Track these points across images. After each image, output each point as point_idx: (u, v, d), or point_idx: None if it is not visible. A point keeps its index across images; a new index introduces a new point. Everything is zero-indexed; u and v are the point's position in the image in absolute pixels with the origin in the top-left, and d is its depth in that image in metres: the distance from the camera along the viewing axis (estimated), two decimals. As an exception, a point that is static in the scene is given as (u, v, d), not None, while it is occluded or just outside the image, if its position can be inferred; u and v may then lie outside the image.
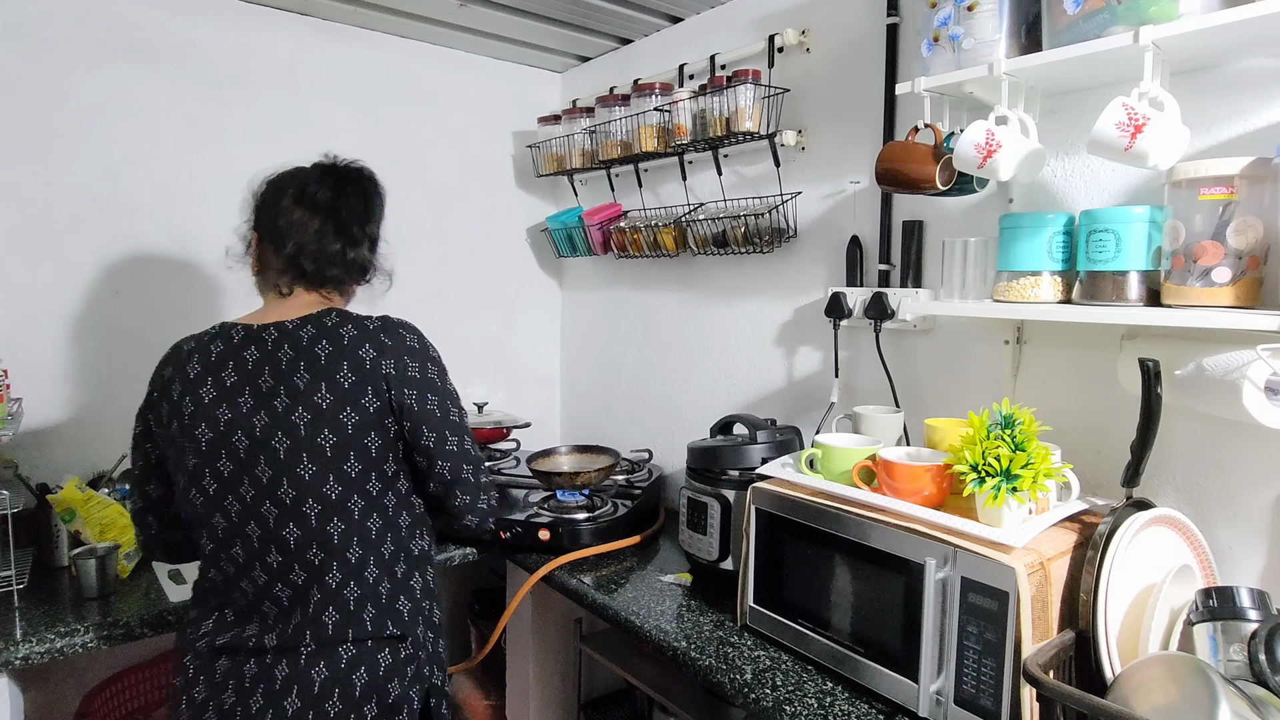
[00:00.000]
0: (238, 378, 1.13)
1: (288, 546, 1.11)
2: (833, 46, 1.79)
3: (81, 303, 1.88)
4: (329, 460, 1.11)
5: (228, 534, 1.13)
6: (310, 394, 1.11)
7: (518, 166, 2.58)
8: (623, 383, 2.48)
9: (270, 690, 1.09)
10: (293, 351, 1.13)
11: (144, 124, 1.93)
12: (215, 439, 1.11)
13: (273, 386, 1.11)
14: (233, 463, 1.11)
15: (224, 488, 1.12)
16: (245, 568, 1.13)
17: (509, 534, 1.82)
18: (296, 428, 1.10)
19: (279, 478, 1.10)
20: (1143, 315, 1.14)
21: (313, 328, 1.15)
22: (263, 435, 1.10)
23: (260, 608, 1.14)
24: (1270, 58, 1.16)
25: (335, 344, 1.13)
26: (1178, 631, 1.08)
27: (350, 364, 1.12)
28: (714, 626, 1.47)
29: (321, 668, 1.11)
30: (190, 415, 1.12)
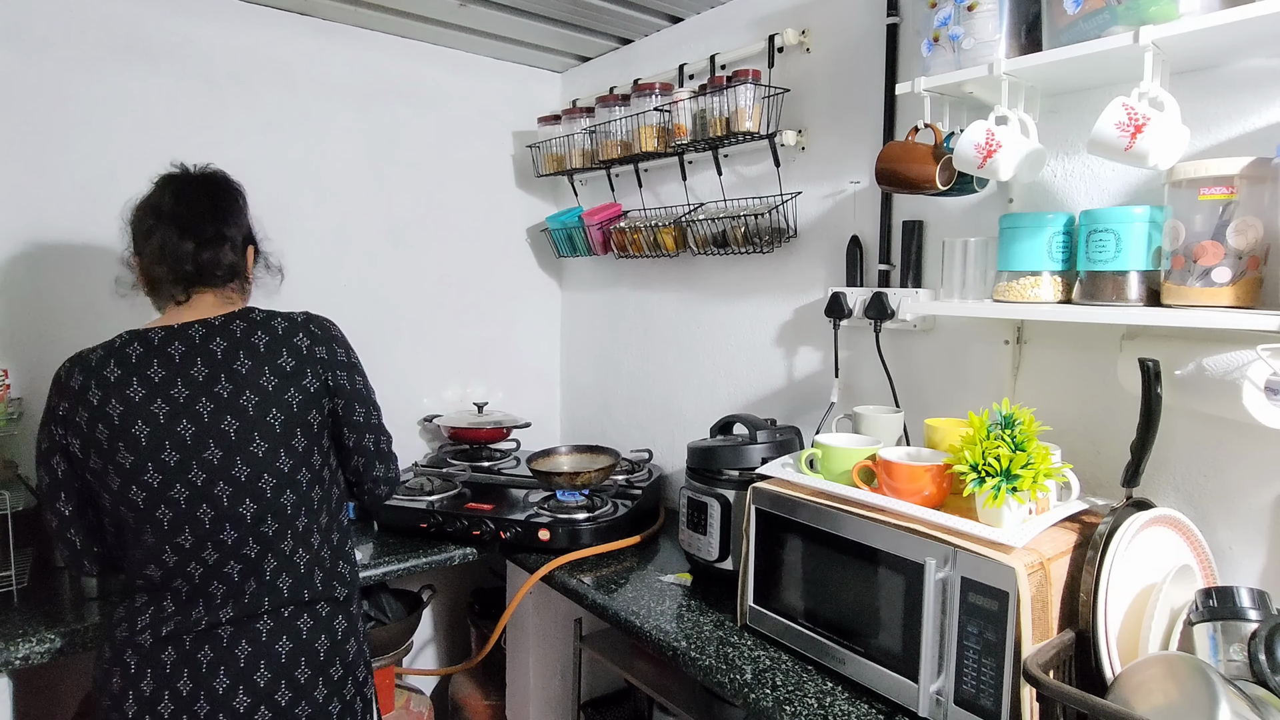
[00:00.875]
0: (166, 373, 1.19)
1: (243, 521, 1.19)
2: (833, 46, 1.79)
3: (81, 303, 1.88)
4: (279, 437, 1.21)
5: (174, 523, 1.17)
6: (254, 378, 1.21)
7: (518, 166, 2.58)
8: (623, 383, 2.48)
9: (235, 669, 1.16)
10: (226, 343, 1.22)
11: (143, 124, 1.93)
12: (155, 432, 1.16)
13: (210, 375, 1.19)
14: (179, 451, 1.17)
15: (170, 477, 1.16)
16: (192, 552, 1.18)
17: (509, 534, 1.83)
18: (244, 409, 1.19)
19: (231, 458, 1.18)
20: (1143, 315, 1.14)
21: (242, 322, 1.24)
22: (210, 420, 1.18)
23: (207, 589, 1.18)
24: (1270, 58, 1.16)
25: (271, 334, 1.24)
26: (1178, 631, 1.08)
27: (289, 350, 1.24)
28: (714, 626, 1.47)
29: (285, 640, 1.19)
30: (121, 416, 1.17)
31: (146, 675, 1.15)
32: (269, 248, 1.42)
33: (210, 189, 1.31)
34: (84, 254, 1.88)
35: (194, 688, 1.15)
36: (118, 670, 1.16)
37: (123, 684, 1.15)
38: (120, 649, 1.17)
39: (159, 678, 1.15)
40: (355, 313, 2.20)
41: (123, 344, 1.21)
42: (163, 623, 1.17)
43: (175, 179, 1.30)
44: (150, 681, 1.15)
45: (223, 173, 1.35)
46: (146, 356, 1.20)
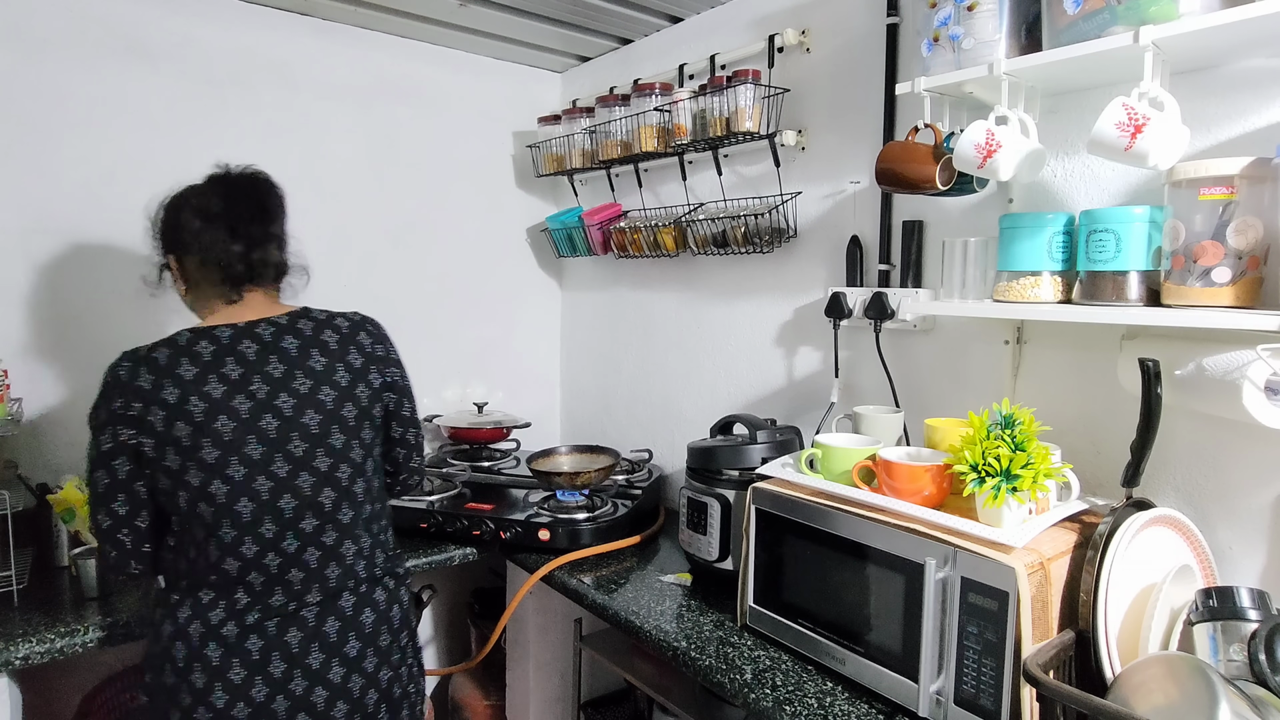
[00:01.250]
0: (242, 370, 1.22)
1: (323, 509, 1.25)
2: (833, 46, 1.79)
3: (81, 303, 1.88)
4: (351, 429, 1.28)
5: (255, 514, 1.20)
6: (329, 374, 1.27)
7: (518, 166, 2.58)
8: (623, 383, 2.48)
9: (326, 644, 1.23)
10: (298, 340, 1.27)
11: (143, 124, 1.93)
12: (239, 426, 1.19)
13: (286, 371, 1.24)
14: (264, 444, 1.20)
15: (254, 470, 1.20)
16: (273, 542, 1.21)
17: (509, 534, 1.83)
18: (323, 403, 1.25)
19: (313, 449, 1.24)
20: (1143, 315, 1.14)
21: (308, 321, 1.30)
22: (293, 414, 1.23)
23: (284, 577, 1.22)
24: (1270, 58, 1.16)
25: (338, 332, 1.31)
26: (1178, 631, 1.08)
27: (356, 348, 1.31)
28: (714, 626, 1.47)
29: (368, 612, 1.28)
30: (204, 412, 1.18)
31: (233, 665, 1.18)
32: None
33: (258, 190, 1.33)
34: (84, 254, 1.88)
35: (287, 668, 1.20)
36: (198, 665, 1.17)
37: (208, 678, 1.17)
38: (200, 645, 1.18)
39: (248, 665, 1.18)
40: (355, 313, 2.20)
41: (189, 342, 1.22)
42: (243, 613, 1.20)
43: (224, 180, 1.31)
44: (239, 670, 1.18)
45: (266, 173, 1.36)
46: (220, 354, 1.22)
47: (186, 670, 1.17)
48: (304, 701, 1.20)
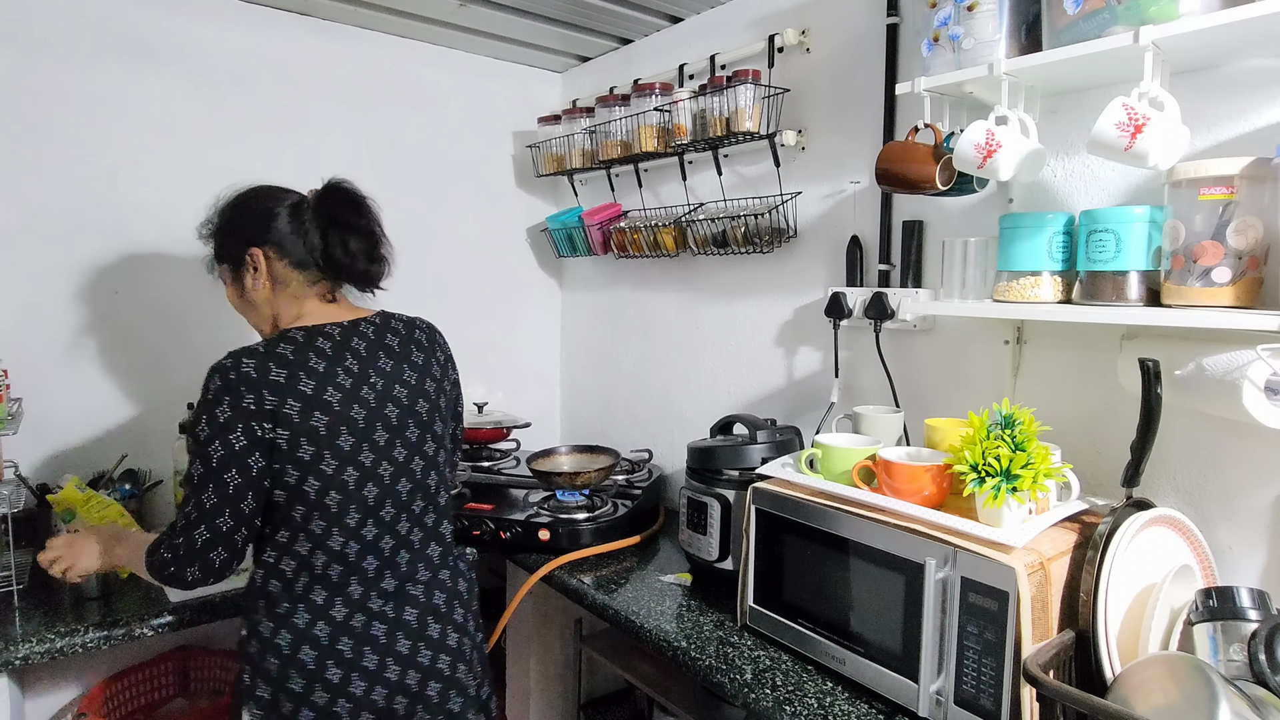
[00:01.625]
0: (359, 364, 1.29)
1: (428, 492, 1.36)
2: (833, 46, 1.79)
3: (81, 303, 1.88)
4: (443, 419, 1.41)
5: (378, 499, 1.27)
6: (427, 368, 1.39)
7: (518, 166, 2.58)
8: (623, 383, 2.48)
9: (438, 613, 1.33)
10: (397, 338, 1.37)
11: (144, 124, 1.93)
12: (369, 415, 1.27)
13: (395, 367, 1.33)
14: (387, 431, 1.29)
15: (379, 455, 1.27)
16: (390, 525, 1.29)
17: (509, 534, 1.83)
18: (428, 393, 1.37)
19: (424, 435, 1.35)
20: (1143, 315, 1.14)
21: (398, 322, 1.41)
22: (408, 403, 1.33)
23: (394, 560, 1.30)
24: (1270, 58, 1.16)
25: (425, 332, 1.44)
26: (1178, 631, 1.08)
27: (439, 347, 1.45)
28: (714, 626, 1.47)
29: (460, 581, 1.41)
30: (340, 402, 1.24)
31: (365, 653, 1.23)
32: None
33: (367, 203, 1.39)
34: (84, 254, 1.88)
35: (412, 643, 1.28)
36: (331, 661, 1.22)
37: (344, 671, 1.22)
38: (331, 642, 1.22)
39: (378, 649, 1.24)
40: (355, 313, 2.20)
41: (308, 337, 1.27)
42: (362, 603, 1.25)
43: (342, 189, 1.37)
44: (372, 656, 1.24)
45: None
46: (339, 348, 1.28)
47: (319, 670, 1.21)
48: (432, 670, 1.29)
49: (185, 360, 2.01)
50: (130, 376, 1.95)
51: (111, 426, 1.92)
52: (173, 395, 1.98)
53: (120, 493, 1.78)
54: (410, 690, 1.26)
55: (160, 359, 1.99)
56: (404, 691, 1.26)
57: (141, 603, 1.54)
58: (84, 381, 1.89)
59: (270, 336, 1.27)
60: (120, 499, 1.73)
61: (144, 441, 1.96)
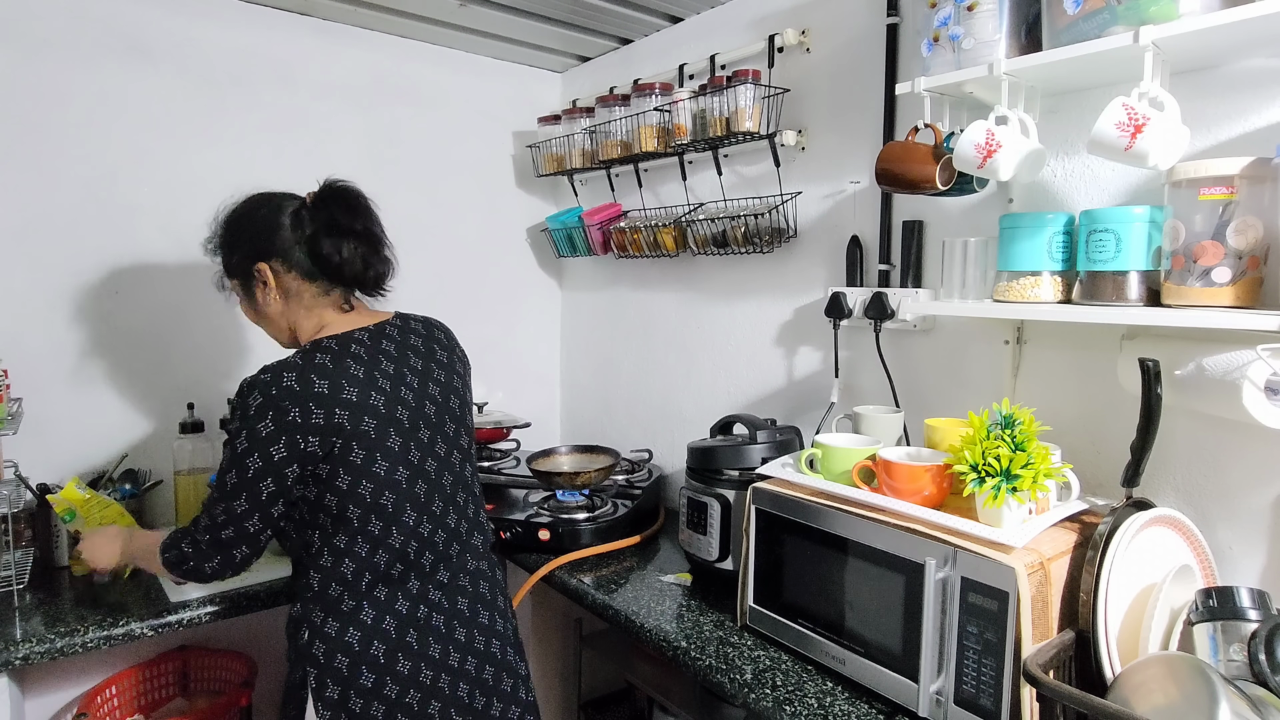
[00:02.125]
0: (393, 367, 1.31)
1: (468, 485, 1.41)
2: (833, 46, 1.79)
3: (81, 303, 1.88)
4: (470, 411, 1.46)
5: (428, 494, 1.31)
6: (452, 366, 1.42)
7: (518, 166, 2.58)
8: (623, 383, 2.48)
9: (485, 601, 1.38)
10: (419, 340, 1.39)
11: (143, 124, 1.93)
12: (412, 414, 1.30)
13: (425, 366, 1.36)
14: (428, 429, 1.32)
15: (424, 452, 1.31)
16: (440, 518, 1.32)
17: (509, 534, 1.83)
18: (457, 389, 1.41)
19: (459, 429, 1.39)
20: (1143, 315, 1.14)
21: (416, 323, 1.43)
22: (443, 399, 1.36)
23: (447, 552, 1.33)
24: (1270, 58, 1.16)
25: (444, 334, 1.46)
26: (1178, 631, 1.08)
27: (459, 350, 1.48)
28: (714, 626, 1.47)
29: (497, 570, 1.45)
30: (385, 404, 1.26)
31: (429, 643, 1.27)
32: None
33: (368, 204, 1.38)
34: (84, 254, 1.88)
35: (468, 631, 1.32)
36: (402, 654, 1.25)
37: (414, 662, 1.25)
38: (399, 635, 1.25)
39: (440, 638, 1.28)
40: (355, 313, 2.20)
41: (341, 344, 1.26)
42: (421, 596, 1.29)
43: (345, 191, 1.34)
44: (436, 645, 1.28)
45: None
46: (372, 354, 1.29)
47: (390, 664, 1.24)
48: (487, 654, 1.34)
49: (185, 360, 2.01)
50: (130, 376, 1.95)
51: (111, 426, 1.92)
52: (173, 395, 1.98)
53: (120, 493, 1.79)
54: (470, 676, 1.31)
55: (160, 359, 1.99)
56: (465, 678, 1.30)
57: (141, 603, 1.54)
58: (84, 381, 1.89)
59: (304, 348, 1.25)
60: (120, 499, 1.73)
61: (144, 441, 1.96)
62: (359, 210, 1.35)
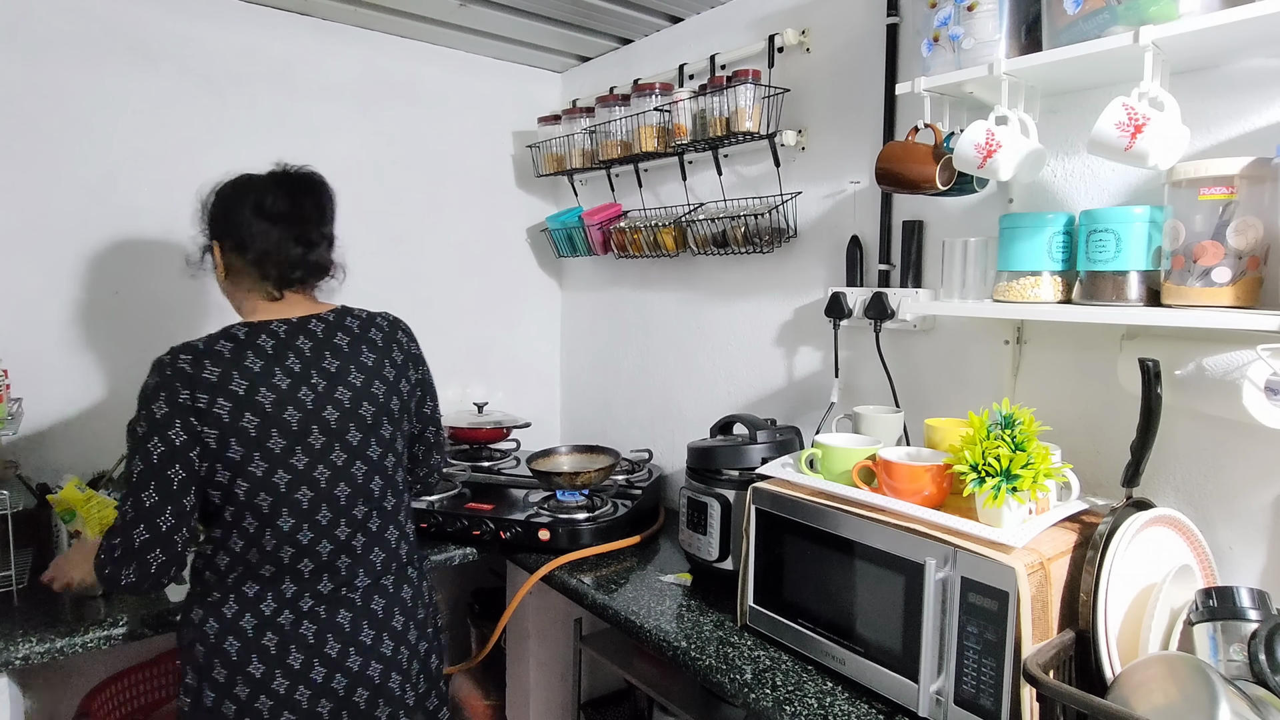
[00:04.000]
0: (301, 363, 1.26)
1: (371, 496, 1.32)
2: (833, 46, 1.79)
3: (81, 303, 1.88)
4: (396, 421, 1.36)
5: (314, 502, 1.25)
6: (378, 369, 1.34)
7: (518, 166, 2.58)
8: (623, 383, 2.48)
9: (375, 619, 1.30)
10: (348, 337, 1.32)
11: (144, 124, 1.93)
12: (305, 417, 1.24)
13: (341, 365, 1.29)
14: (325, 434, 1.26)
15: (315, 459, 1.25)
16: (328, 529, 1.26)
17: (509, 534, 1.82)
18: (375, 396, 1.32)
19: (367, 439, 1.30)
20: (1143, 315, 1.14)
21: (354, 319, 1.35)
22: (350, 405, 1.29)
23: (334, 563, 1.28)
24: (1270, 58, 1.16)
25: (380, 330, 1.37)
26: (1178, 631, 1.08)
27: (397, 346, 1.38)
28: (714, 626, 1.47)
29: (405, 588, 1.36)
30: (273, 403, 1.22)
31: (290, 650, 1.22)
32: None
33: (317, 192, 1.35)
34: (84, 254, 1.88)
35: (342, 647, 1.25)
36: (255, 656, 1.21)
37: (267, 667, 1.21)
38: (255, 636, 1.21)
39: (305, 649, 1.23)
40: (355, 313, 2.20)
41: (249, 335, 1.24)
42: (294, 601, 1.24)
43: (287, 179, 1.33)
44: (297, 655, 1.22)
45: (320, 175, 1.39)
46: (280, 347, 1.25)
47: (242, 663, 1.20)
48: (361, 676, 1.27)
49: (185, 360, 2.01)
50: (130, 376, 1.95)
51: (111, 426, 1.92)
52: (173, 395, 1.98)
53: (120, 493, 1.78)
54: (336, 695, 1.24)
55: (160, 359, 1.98)
56: (329, 695, 1.23)
57: (141, 603, 1.54)
58: (84, 382, 1.89)
59: (214, 333, 1.24)
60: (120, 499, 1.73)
61: (144, 441, 1.96)
62: (297, 200, 1.31)
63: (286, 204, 1.29)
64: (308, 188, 1.34)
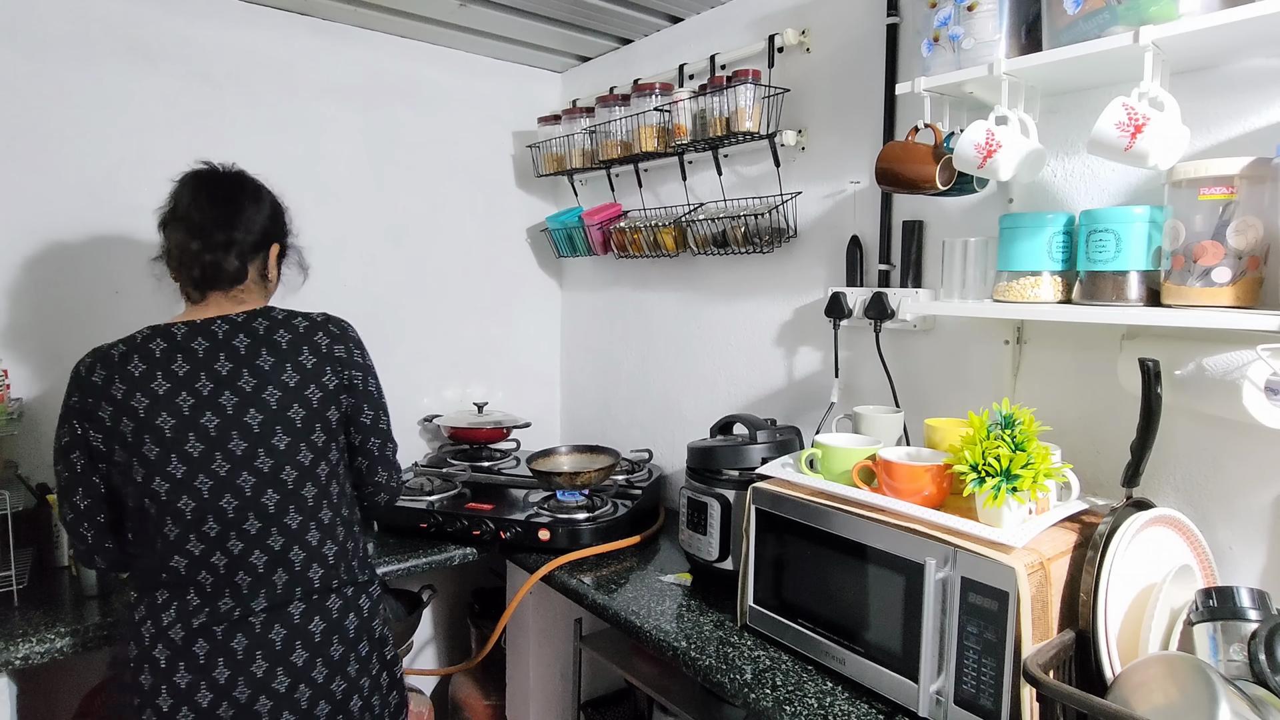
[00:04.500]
0: (190, 367, 1.21)
1: (266, 511, 1.22)
2: (833, 46, 1.79)
3: (82, 303, 1.88)
4: (299, 431, 1.25)
5: (197, 513, 1.20)
6: (277, 374, 1.24)
7: (518, 166, 2.58)
8: (623, 383, 2.48)
9: (271, 651, 1.21)
10: (250, 339, 1.25)
11: (144, 123, 1.93)
12: (180, 424, 1.19)
13: (234, 370, 1.22)
14: (203, 442, 1.19)
15: (194, 468, 1.19)
16: (218, 541, 1.20)
17: (509, 534, 1.83)
18: (267, 403, 1.22)
19: (254, 449, 1.21)
20: (1143, 315, 1.14)
21: (264, 320, 1.27)
22: (235, 412, 1.21)
23: (233, 579, 1.21)
24: (1270, 58, 1.16)
25: (292, 332, 1.28)
26: (1178, 631, 1.08)
27: (310, 348, 1.28)
28: (714, 626, 1.47)
29: (318, 620, 1.25)
30: (146, 409, 1.19)
31: (179, 668, 1.18)
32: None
33: (225, 191, 1.31)
34: (84, 254, 1.88)
35: (231, 674, 1.18)
36: (147, 666, 1.18)
37: (154, 680, 1.17)
38: (150, 645, 1.19)
39: (194, 669, 1.18)
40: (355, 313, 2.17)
41: (145, 339, 1.23)
42: (191, 615, 1.19)
43: (196, 178, 1.31)
44: (185, 674, 1.17)
45: (240, 173, 1.35)
46: (170, 351, 1.22)
47: (137, 670, 1.19)
48: (248, 710, 1.18)
49: (185, 360, 2.01)
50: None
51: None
52: (173, 395, 1.98)
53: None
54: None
55: (160, 359, 1.98)
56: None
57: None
58: (84, 381, 1.89)
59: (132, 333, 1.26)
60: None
61: (144, 441, 1.96)
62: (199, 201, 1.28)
63: (188, 203, 1.28)
64: (214, 187, 1.31)
